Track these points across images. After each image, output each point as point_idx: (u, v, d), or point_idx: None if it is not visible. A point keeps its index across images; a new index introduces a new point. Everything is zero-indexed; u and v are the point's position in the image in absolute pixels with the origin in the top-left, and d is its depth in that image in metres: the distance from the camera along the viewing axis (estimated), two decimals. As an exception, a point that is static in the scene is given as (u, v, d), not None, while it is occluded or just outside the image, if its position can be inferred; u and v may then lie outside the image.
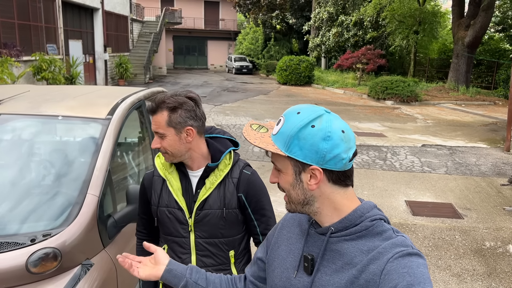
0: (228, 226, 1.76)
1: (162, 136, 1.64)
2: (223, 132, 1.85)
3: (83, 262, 2.09)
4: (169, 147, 1.65)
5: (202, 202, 1.71)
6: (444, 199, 6.06)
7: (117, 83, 21.24)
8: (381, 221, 1.04)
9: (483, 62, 21.69)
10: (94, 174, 2.29)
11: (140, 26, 27.11)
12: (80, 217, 2.12)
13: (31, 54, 12.66)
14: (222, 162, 1.75)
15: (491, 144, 9.97)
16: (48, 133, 2.61)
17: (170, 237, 1.80)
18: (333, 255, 1.04)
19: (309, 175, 1.02)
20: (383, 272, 0.94)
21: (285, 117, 1.06)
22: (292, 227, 1.20)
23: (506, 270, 4.07)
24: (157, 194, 1.78)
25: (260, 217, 1.80)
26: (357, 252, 1.00)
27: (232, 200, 1.73)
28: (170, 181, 1.75)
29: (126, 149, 3.50)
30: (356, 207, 1.05)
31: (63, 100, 2.88)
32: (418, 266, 0.92)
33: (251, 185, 1.76)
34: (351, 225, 1.03)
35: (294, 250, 1.14)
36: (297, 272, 1.10)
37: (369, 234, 1.02)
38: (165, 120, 1.62)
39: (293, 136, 1.01)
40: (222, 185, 1.73)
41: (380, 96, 17.35)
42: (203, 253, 1.77)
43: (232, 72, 32.47)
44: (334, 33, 24.96)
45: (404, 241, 0.98)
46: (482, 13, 17.58)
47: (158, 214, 1.78)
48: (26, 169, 2.38)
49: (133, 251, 2.58)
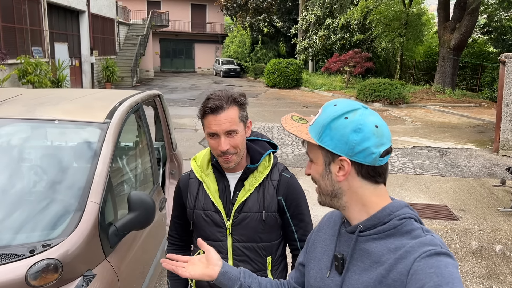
0: (267, 230, 1.70)
1: (234, 133, 1.57)
2: (261, 135, 1.81)
3: (84, 273, 1.99)
4: (241, 144, 1.60)
5: (241, 204, 1.66)
6: (438, 200, 6.07)
7: (104, 87, 20.97)
8: (411, 220, 1.02)
9: (468, 65, 22.01)
10: (94, 180, 2.20)
11: (126, 29, 26.84)
12: (81, 226, 2.03)
13: (16, 57, 12.39)
14: (262, 164, 1.70)
15: (480, 146, 10.08)
16: (45, 138, 2.50)
17: (206, 241, 1.71)
18: (361, 253, 1.04)
19: (338, 166, 1.03)
20: (410, 271, 0.92)
21: (323, 108, 1.08)
22: (327, 229, 1.21)
23: (506, 272, 4.07)
24: (193, 197, 1.73)
25: (299, 222, 1.74)
26: (385, 250, 0.99)
27: (272, 203, 1.68)
28: (207, 183, 1.70)
29: (125, 154, 3.40)
30: (386, 205, 1.04)
31: (58, 104, 2.78)
32: (447, 266, 0.89)
33: (291, 188, 1.71)
34: (379, 223, 1.02)
35: (328, 250, 1.15)
36: (330, 272, 1.10)
37: (398, 232, 1.00)
38: (237, 115, 1.58)
39: (326, 125, 1.03)
40: (262, 187, 1.68)
41: (368, 99, 17.45)
42: (241, 258, 1.70)
43: (220, 75, 32.36)
44: (321, 36, 25.07)
45: (433, 240, 0.96)
46: (467, 16, 17.83)
47: (194, 217, 1.73)
48: (23, 176, 2.28)
49: (133, 261, 2.49)
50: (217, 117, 1.55)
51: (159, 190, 3.20)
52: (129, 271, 2.38)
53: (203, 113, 1.58)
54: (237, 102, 1.59)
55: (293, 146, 9.41)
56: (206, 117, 1.58)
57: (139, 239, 2.63)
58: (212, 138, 1.59)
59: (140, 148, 3.34)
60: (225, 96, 1.57)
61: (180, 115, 13.04)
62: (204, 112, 1.57)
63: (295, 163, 7.97)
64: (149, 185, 3.13)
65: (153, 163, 3.17)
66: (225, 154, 1.58)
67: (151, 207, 2.25)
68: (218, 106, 1.55)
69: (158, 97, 3.94)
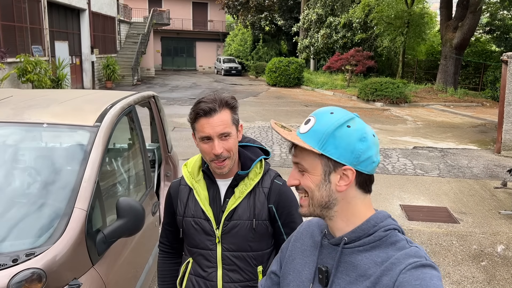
0: (257, 239, 1.66)
1: (227, 136, 1.54)
2: (253, 140, 1.77)
3: (70, 283, 1.93)
4: (234, 147, 1.57)
5: (231, 212, 1.62)
6: (438, 202, 6.00)
7: (105, 85, 20.94)
8: (395, 231, 1.02)
9: (471, 64, 21.89)
10: (82, 186, 2.14)
11: (127, 27, 26.79)
12: (66, 234, 1.97)
13: (16, 55, 12.35)
14: (253, 171, 1.66)
15: (482, 146, 9.99)
16: (32, 142, 2.44)
17: (195, 249, 1.69)
18: (347, 266, 1.02)
19: (338, 176, 1.01)
20: (396, 283, 0.91)
21: (316, 116, 1.03)
22: (305, 239, 1.18)
23: (506, 277, 4.00)
24: (183, 204, 1.69)
25: (290, 230, 1.66)
26: (371, 263, 0.98)
27: (263, 210, 1.64)
28: (197, 190, 1.66)
29: (116, 158, 3.34)
30: (370, 216, 1.03)
31: (48, 106, 2.72)
32: (432, 278, 0.89)
33: (282, 195, 1.67)
34: (364, 235, 1.02)
35: (309, 262, 1.12)
36: (313, 285, 1.08)
37: (383, 244, 1.00)
38: (230, 118, 1.56)
39: (330, 134, 0.99)
40: (252, 195, 1.64)
41: (370, 98, 17.36)
42: (230, 267, 1.66)
43: (221, 74, 32.29)
44: (322, 35, 24.97)
45: (418, 252, 0.96)
46: (470, 15, 17.71)
47: (183, 224, 1.69)
48: (7, 181, 2.22)
49: (123, 267, 2.43)
50: (210, 119, 1.51)
51: (152, 194, 3.14)
52: (118, 278, 2.32)
53: (195, 116, 1.54)
54: (229, 105, 1.56)
55: (293, 146, 9.33)
56: (198, 120, 1.54)
57: (129, 245, 2.57)
58: (205, 142, 1.55)
59: (133, 151, 3.28)
60: (217, 99, 1.54)
61: (180, 114, 12.98)
62: (196, 116, 1.54)
63: (295, 163, 7.90)
64: (141, 189, 3.07)
65: (146, 166, 3.11)
66: (219, 158, 1.54)
67: (140, 213, 2.20)
68: (211, 109, 1.51)
69: (153, 98, 3.88)
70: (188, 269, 1.73)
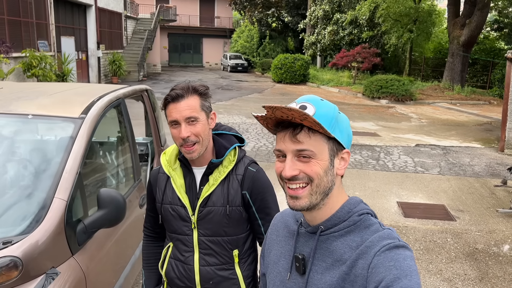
0: (231, 224, 1.71)
1: (195, 121, 1.59)
2: (229, 128, 1.82)
3: (47, 271, 1.96)
4: (202, 132, 1.61)
5: (205, 199, 1.68)
6: (436, 200, 5.96)
7: (111, 80, 21.04)
8: (368, 215, 1.04)
9: (478, 62, 21.66)
10: (63, 176, 2.16)
11: (134, 23, 26.88)
12: (45, 223, 1.99)
13: (22, 50, 12.46)
14: (227, 159, 1.71)
15: (486, 144, 9.90)
16: (16, 133, 2.46)
17: (174, 234, 1.76)
18: (323, 253, 1.03)
19: (338, 160, 1.03)
20: (371, 265, 0.93)
21: (311, 102, 1.01)
22: (279, 230, 1.19)
23: (499, 275, 3.97)
24: (161, 191, 1.76)
25: (265, 216, 1.74)
26: (346, 248, 1.00)
27: (236, 197, 1.69)
28: (174, 178, 1.72)
29: (103, 150, 3.36)
30: (343, 203, 1.06)
31: (36, 98, 2.75)
32: (405, 259, 0.91)
33: (256, 182, 1.71)
34: (339, 222, 1.03)
35: (285, 252, 1.13)
36: (290, 274, 1.09)
37: (357, 228, 1.02)
38: (198, 104, 1.61)
39: (335, 118, 1.01)
40: (226, 182, 1.69)
41: (375, 95, 17.26)
42: (206, 251, 1.73)
43: (227, 70, 32.30)
44: (329, 31, 24.84)
45: (391, 233, 0.98)
46: (478, 12, 17.52)
47: (162, 211, 1.76)
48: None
49: (106, 259, 2.45)
50: (177, 104, 1.58)
51: (140, 187, 3.16)
52: (100, 269, 2.34)
53: (164, 102, 1.61)
54: (198, 91, 1.62)
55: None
56: (167, 106, 1.61)
57: (114, 237, 2.59)
58: (174, 127, 1.60)
59: (120, 143, 3.29)
60: (185, 86, 1.61)
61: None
62: (165, 101, 1.61)
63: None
64: (129, 182, 3.09)
65: (134, 159, 3.12)
66: (187, 143, 1.59)
67: (121, 204, 2.21)
68: (179, 95, 1.58)
69: (146, 92, 3.90)
70: (168, 253, 1.80)
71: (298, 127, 0.98)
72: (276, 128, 1.03)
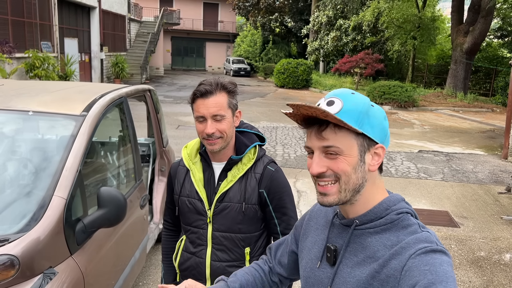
0: (246, 222, 1.73)
1: (221, 118, 1.60)
2: (251, 126, 1.84)
3: (45, 271, 1.91)
4: (227, 129, 1.63)
5: (223, 194, 1.70)
6: (440, 206, 5.90)
7: (113, 82, 21.03)
8: (408, 214, 1.01)
9: (481, 69, 21.63)
10: (63, 174, 2.12)
11: (138, 26, 26.92)
12: (43, 221, 1.94)
13: (25, 51, 12.45)
14: (246, 156, 1.73)
15: (489, 151, 9.83)
16: (17, 129, 2.42)
17: (189, 227, 1.79)
18: (356, 247, 1.01)
19: (371, 156, 1.00)
20: (404, 268, 0.90)
21: (340, 97, 0.99)
22: (319, 218, 1.19)
23: (504, 283, 3.90)
24: (180, 184, 1.79)
25: (281, 215, 1.76)
26: (380, 246, 0.97)
27: (253, 195, 1.71)
28: (193, 171, 1.75)
29: (104, 149, 3.32)
30: (383, 199, 1.02)
31: (37, 95, 2.71)
32: (442, 264, 0.87)
33: (274, 181, 1.73)
34: (376, 218, 1.01)
35: (319, 241, 1.13)
36: (321, 263, 1.08)
37: (394, 227, 0.99)
38: (226, 101, 1.62)
39: (365, 113, 0.98)
40: (244, 179, 1.71)
41: (378, 101, 17.21)
42: (219, 247, 1.74)
43: (230, 74, 32.30)
44: (333, 37, 24.85)
45: (429, 237, 0.94)
46: (482, 19, 17.50)
47: (179, 203, 1.79)
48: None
49: (105, 259, 2.40)
50: (205, 101, 1.59)
51: (141, 187, 3.11)
52: (99, 269, 2.29)
53: (193, 97, 1.63)
54: (227, 88, 1.63)
55: (296, 146, 9.27)
56: (195, 101, 1.62)
57: (114, 237, 2.54)
58: (200, 122, 1.62)
59: (122, 143, 3.25)
60: (215, 83, 1.62)
61: (185, 113, 12.98)
62: (194, 96, 1.63)
63: (296, 163, 7.84)
64: (130, 181, 3.04)
65: (136, 159, 3.08)
66: (211, 137, 1.61)
67: (121, 203, 2.17)
68: (208, 91, 1.59)
69: (148, 92, 3.86)
70: (182, 245, 1.83)
71: (324, 123, 0.97)
72: (305, 124, 1.02)
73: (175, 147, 8.16)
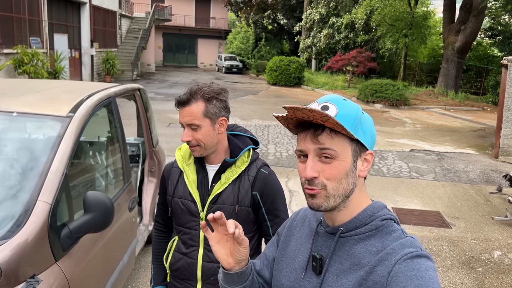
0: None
1: (196, 127, 1.62)
2: (244, 130, 1.87)
3: (28, 279, 1.84)
4: (203, 138, 1.64)
5: (216, 196, 1.71)
6: (432, 206, 5.90)
7: (104, 79, 20.84)
8: (391, 221, 1.01)
9: (472, 68, 21.76)
10: (47, 178, 2.05)
11: (129, 22, 26.68)
12: (27, 228, 1.87)
13: (13, 47, 12.26)
14: (240, 159, 1.75)
15: (480, 151, 9.88)
16: (0, 131, 2.34)
17: (181, 228, 1.80)
18: (341, 255, 1.01)
19: (361, 162, 1.00)
20: (391, 274, 0.90)
21: (334, 102, 0.99)
22: (302, 227, 1.17)
23: (495, 284, 3.90)
24: (173, 185, 1.80)
25: (274, 218, 1.77)
26: (366, 252, 0.98)
27: (246, 197, 1.72)
28: (187, 173, 1.76)
29: (91, 150, 3.24)
30: (367, 206, 1.03)
31: (23, 95, 2.62)
32: (427, 269, 0.88)
33: (267, 184, 1.75)
34: (361, 225, 1.01)
35: (303, 250, 1.11)
36: (305, 273, 1.07)
37: (379, 234, 0.99)
38: (201, 110, 1.62)
39: (358, 119, 0.98)
40: (238, 182, 1.73)
41: (370, 99, 17.24)
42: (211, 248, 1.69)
43: (222, 71, 32.18)
44: (325, 35, 24.83)
45: (413, 242, 0.95)
46: (473, 18, 17.58)
47: (172, 204, 1.80)
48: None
49: (92, 264, 2.33)
50: (181, 110, 1.64)
51: (130, 189, 3.04)
52: (85, 275, 2.23)
53: (175, 103, 1.69)
54: (205, 97, 1.63)
55: (288, 145, 9.24)
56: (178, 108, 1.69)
57: (101, 241, 2.47)
58: (182, 127, 1.68)
59: (110, 144, 3.17)
60: (192, 91, 1.63)
61: (176, 111, 12.64)
62: (175, 103, 1.69)
63: (288, 162, 7.80)
64: (118, 184, 2.97)
65: (124, 160, 3.01)
66: (189, 143, 1.65)
67: (109, 208, 2.10)
68: (182, 100, 1.62)
69: (138, 91, 3.79)
70: (174, 246, 1.83)
71: (319, 128, 0.96)
72: (297, 129, 1.01)
73: (166, 145, 8.06)
